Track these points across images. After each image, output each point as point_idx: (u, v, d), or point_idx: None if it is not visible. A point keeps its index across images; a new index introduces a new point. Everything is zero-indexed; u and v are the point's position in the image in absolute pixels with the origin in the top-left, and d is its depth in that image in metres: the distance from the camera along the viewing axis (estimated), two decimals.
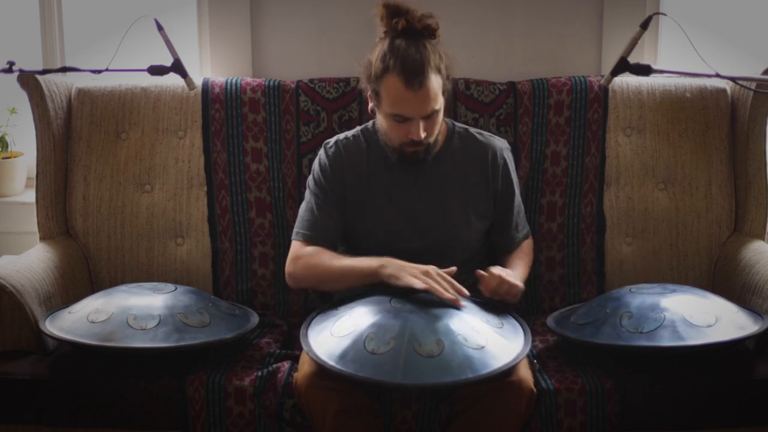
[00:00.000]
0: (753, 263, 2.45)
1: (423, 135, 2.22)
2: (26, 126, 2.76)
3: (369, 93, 2.28)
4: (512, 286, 2.19)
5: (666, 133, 2.66)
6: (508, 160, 2.43)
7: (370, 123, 2.43)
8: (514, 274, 2.24)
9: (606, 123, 2.66)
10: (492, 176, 2.40)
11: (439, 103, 2.23)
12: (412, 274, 2.14)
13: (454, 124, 2.43)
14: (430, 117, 2.23)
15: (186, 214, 2.65)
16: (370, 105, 2.29)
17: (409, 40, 2.21)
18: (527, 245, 2.49)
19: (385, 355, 1.97)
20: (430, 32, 2.24)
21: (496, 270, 2.20)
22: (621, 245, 2.66)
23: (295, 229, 2.36)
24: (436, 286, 2.11)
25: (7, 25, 3.03)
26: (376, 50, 2.25)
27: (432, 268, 2.16)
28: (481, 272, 2.20)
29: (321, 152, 2.43)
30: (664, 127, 2.66)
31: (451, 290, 2.12)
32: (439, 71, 2.21)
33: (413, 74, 2.17)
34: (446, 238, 2.36)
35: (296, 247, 2.33)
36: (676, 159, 2.65)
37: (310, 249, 2.31)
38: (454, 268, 2.18)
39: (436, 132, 2.28)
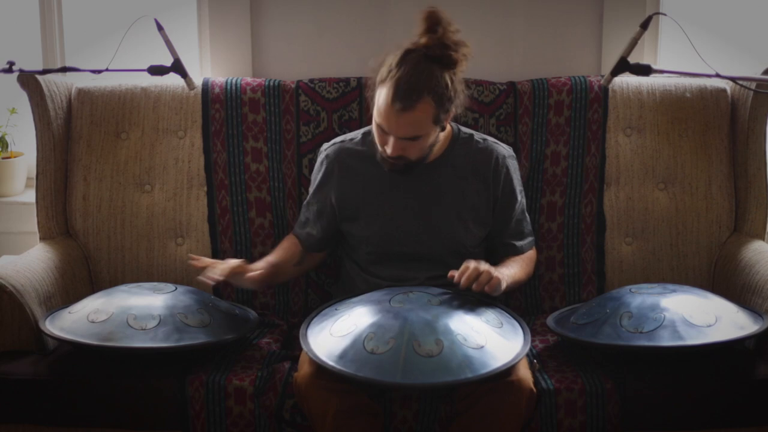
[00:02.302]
0: (753, 263, 2.45)
1: (395, 153, 2.20)
2: (26, 126, 2.76)
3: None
4: (492, 277, 2.12)
5: (666, 133, 2.66)
6: (510, 168, 2.41)
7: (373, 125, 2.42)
8: (490, 265, 2.16)
9: (606, 123, 2.66)
10: (493, 183, 2.38)
11: (424, 132, 2.19)
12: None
13: (459, 129, 2.41)
14: (410, 140, 2.19)
15: (186, 214, 2.65)
16: None
17: (422, 60, 2.16)
18: (528, 255, 2.45)
19: (385, 354, 1.97)
20: (447, 62, 2.18)
21: (471, 262, 2.14)
22: (621, 245, 2.66)
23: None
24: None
25: (7, 25, 3.03)
26: (394, 53, 2.20)
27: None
28: (454, 272, 2.14)
29: (319, 159, 2.44)
30: (664, 127, 2.66)
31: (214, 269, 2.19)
32: (436, 103, 2.15)
33: (400, 95, 2.13)
34: (443, 243, 2.34)
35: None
36: (676, 159, 2.65)
37: (285, 239, 2.50)
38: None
39: (418, 155, 2.24)
